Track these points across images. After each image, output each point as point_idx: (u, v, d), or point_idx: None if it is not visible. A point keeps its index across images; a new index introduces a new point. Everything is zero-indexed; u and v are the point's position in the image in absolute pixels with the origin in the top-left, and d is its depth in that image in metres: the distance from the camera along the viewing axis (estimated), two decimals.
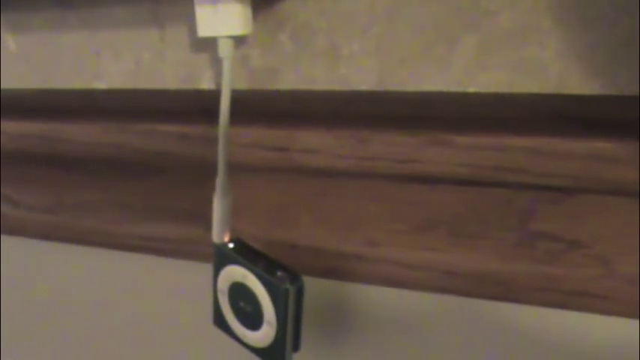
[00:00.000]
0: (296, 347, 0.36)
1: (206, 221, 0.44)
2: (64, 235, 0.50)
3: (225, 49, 0.36)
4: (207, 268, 0.46)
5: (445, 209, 0.38)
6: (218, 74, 0.40)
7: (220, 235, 0.37)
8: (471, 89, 0.35)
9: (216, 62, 0.40)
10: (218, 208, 0.37)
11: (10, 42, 0.46)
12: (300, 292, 0.35)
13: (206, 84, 0.41)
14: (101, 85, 0.44)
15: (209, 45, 0.40)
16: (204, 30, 0.36)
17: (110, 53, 0.43)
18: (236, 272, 0.36)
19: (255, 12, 0.37)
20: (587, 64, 0.33)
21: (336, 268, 0.42)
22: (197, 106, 0.42)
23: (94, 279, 0.52)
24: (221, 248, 0.37)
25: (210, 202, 0.37)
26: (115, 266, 0.51)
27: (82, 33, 0.43)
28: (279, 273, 0.35)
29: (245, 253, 0.37)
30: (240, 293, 0.37)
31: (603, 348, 0.38)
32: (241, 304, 0.37)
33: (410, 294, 0.42)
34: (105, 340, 0.55)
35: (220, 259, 0.37)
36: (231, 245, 0.37)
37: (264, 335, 0.36)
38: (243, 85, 0.40)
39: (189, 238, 0.45)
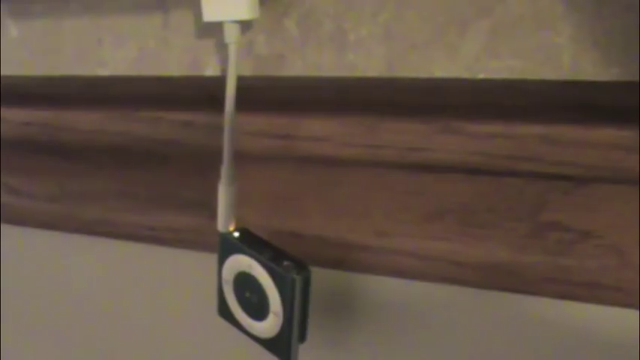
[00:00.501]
0: (302, 338, 0.36)
1: (211, 210, 0.43)
2: (67, 224, 0.50)
3: (231, 35, 0.35)
4: (212, 257, 0.46)
5: (455, 198, 0.37)
6: (223, 60, 0.40)
7: (225, 224, 0.37)
8: (482, 76, 0.34)
9: (221, 48, 0.39)
10: (223, 196, 0.37)
11: (12, 28, 0.45)
12: (306, 282, 0.34)
13: (211, 70, 0.40)
14: (104, 72, 0.43)
15: (214, 30, 0.39)
16: (209, 15, 0.35)
17: (113, 40, 0.42)
18: (242, 262, 0.36)
19: None
20: (602, 50, 0.32)
21: (343, 259, 0.41)
22: (202, 94, 0.41)
23: (98, 269, 0.52)
24: (226, 237, 0.37)
25: (215, 190, 0.37)
26: (119, 256, 0.51)
27: (85, 19, 0.42)
28: (285, 263, 0.34)
29: (251, 243, 0.36)
30: (245, 283, 0.36)
31: (614, 339, 0.38)
32: (247, 294, 0.37)
33: (418, 285, 0.41)
34: (108, 330, 0.54)
35: (225, 248, 0.37)
36: (236, 234, 0.37)
37: (270, 326, 0.36)
38: (248, 71, 0.39)
39: (194, 227, 0.45)
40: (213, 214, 0.42)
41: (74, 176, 0.48)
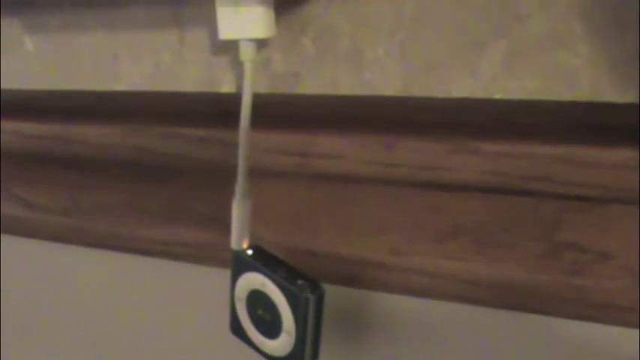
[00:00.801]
0: (314, 356, 0.36)
1: (224, 226, 0.43)
2: (80, 238, 0.50)
3: (246, 53, 0.35)
4: (225, 273, 0.46)
5: (470, 218, 0.37)
6: (239, 77, 0.40)
7: (239, 241, 0.37)
8: (499, 96, 0.34)
9: (237, 65, 0.39)
10: (237, 213, 0.37)
11: (28, 42, 0.45)
12: (320, 301, 0.34)
13: (226, 87, 0.40)
14: (119, 87, 0.43)
15: (230, 48, 0.39)
16: (225, 32, 0.35)
17: (129, 55, 0.42)
18: (255, 280, 0.36)
19: (277, 14, 0.36)
20: (620, 72, 0.32)
21: (357, 277, 0.41)
22: (216, 110, 0.41)
23: (109, 283, 0.52)
24: (239, 255, 0.37)
25: (228, 207, 0.37)
26: (131, 271, 0.50)
27: (101, 34, 0.42)
28: (299, 281, 0.34)
29: (264, 261, 0.36)
30: (258, 301, 0.36)
31: None
32: (259, 312, 0.36)
33: (432, 303, 0.41)
34: (120, 345, 0.54)
35: (238, 266, 0.37)
36: (249, 252, 0.37)
37: (282, 344, 0.36)
38: (263, 88, 0.39)
39: (207, 242, 0.45)
40: (226, 230, 0.42)
41: (87, 190, 0.48)
